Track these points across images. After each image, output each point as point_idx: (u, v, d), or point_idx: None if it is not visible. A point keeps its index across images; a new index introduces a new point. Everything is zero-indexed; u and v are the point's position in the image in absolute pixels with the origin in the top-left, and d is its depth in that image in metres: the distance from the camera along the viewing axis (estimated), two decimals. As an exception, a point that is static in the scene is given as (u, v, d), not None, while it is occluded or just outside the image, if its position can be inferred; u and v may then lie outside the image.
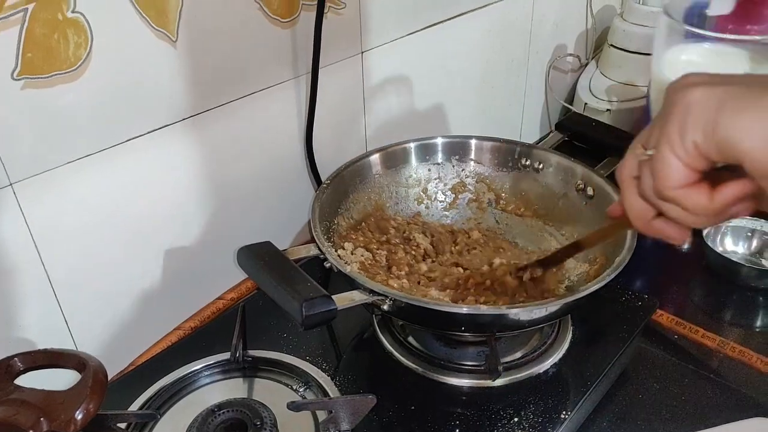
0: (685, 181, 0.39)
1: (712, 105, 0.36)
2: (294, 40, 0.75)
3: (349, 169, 0.77)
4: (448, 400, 0.66)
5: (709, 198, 0.39)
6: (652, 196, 0.42)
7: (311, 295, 0.54)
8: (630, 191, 0.44)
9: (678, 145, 0.38)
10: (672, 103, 0.39)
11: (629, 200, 0.44)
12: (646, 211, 0.44)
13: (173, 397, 0.64)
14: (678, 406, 0.69)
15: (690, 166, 0.38)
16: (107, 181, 0.64)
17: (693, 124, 0.37)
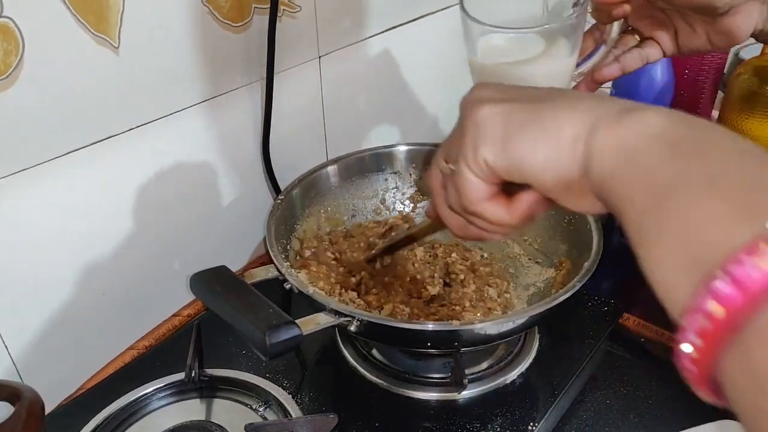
0: (483, 195, 0.40)
1: (498, 124, 0.38)
2: (247, 44, 0.73)
3: (303, 182, 0.75)
4: (413, 415, 0.64)
5: (507, 211, 0.41)
6: (458, 208, 0.43)
7: (274, 322, 0.51)
8: (440, 201, 0.45)
9: (473, 162, 0.39)
10: (465, 118, 0.40)
11: (441, 209, 0.46)
12: (458, 219, 0.45)
13: (123, 423, 0.61)
14: (647, 409, 0.68)
15: (486, 181, 0.39)
16: (47, 197, 0.61)
17: (482, 142, 0.38)
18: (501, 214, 0.41)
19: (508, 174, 0.38)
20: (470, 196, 0.40)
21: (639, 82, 0.95)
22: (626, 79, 0.96)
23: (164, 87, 0.66)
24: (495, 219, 0.41)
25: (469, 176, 0.39)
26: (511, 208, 0.41)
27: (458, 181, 0.40)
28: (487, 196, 0.40)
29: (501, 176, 0.39)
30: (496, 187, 0.40)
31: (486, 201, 0.41)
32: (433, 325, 0.57)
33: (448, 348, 0.60)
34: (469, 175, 0.39)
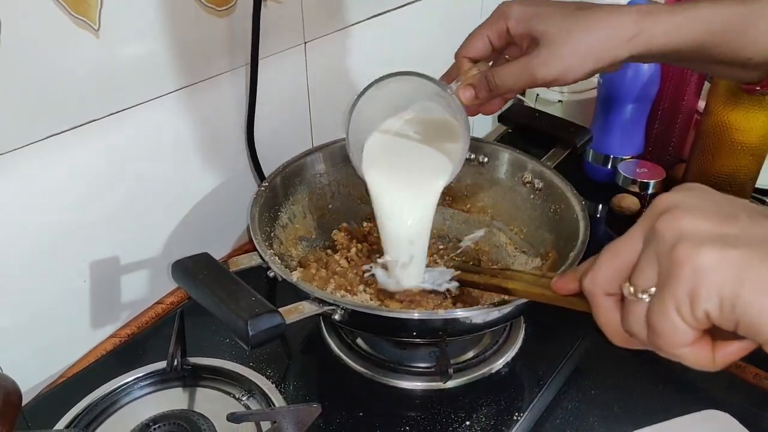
0: (688, 342, 0.35)
1: (728, 276, 0.32)
2: (231, 29, 0.71)
3: (288, 170, 0.74)
4: (398, 404, 0.64)
5: (712, 358, 0.35)
6: (643, 339, 0.37)
7: (257, 311, 0.50)
8: (606, 309, 0.39)
9: (686, 310, 0.34)
10: (676, 258, 0.34)
11: (606, 320, 0.40)
12: (623, 333, 0.39)
13: (104, 412, 0.60)
14: (631, 401, 0.68)
15: (696, 329, 0.34)
16: (27, 181, 0.59)
17: (706, 294, 0.33)
18: (705, 360, 0.35)
19: (733, 329, 0.33)
20: (672, 341, 0.35)
21: (625, 73, 0.95)
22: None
23: (146, 71, 0.65)
24: (694, 363, 0.36)
25: (677, 322, 0.34)
26: (718, 354, 0.35)
27: (659, 323, 0.35)
28: (691, 342, 0.35)
29: (723, 327, 0.33)
30: (702, 333, 0.35)
31: (687, 347, 0.35)
32: (418, 314, 0.56)
33: (433, 337, 0.59)
34: (678, 321, 0.34)
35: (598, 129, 1.00)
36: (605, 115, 1.00)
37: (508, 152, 0.78)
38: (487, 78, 0.57)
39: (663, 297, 0.34)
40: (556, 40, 0.53)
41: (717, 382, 0.71)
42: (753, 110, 0.87)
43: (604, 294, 0.39)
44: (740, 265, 0.32)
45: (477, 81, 0.58)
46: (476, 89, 0.58)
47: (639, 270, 0.36)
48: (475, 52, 0.60)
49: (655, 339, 0.35)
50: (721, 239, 0.33)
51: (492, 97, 0.59)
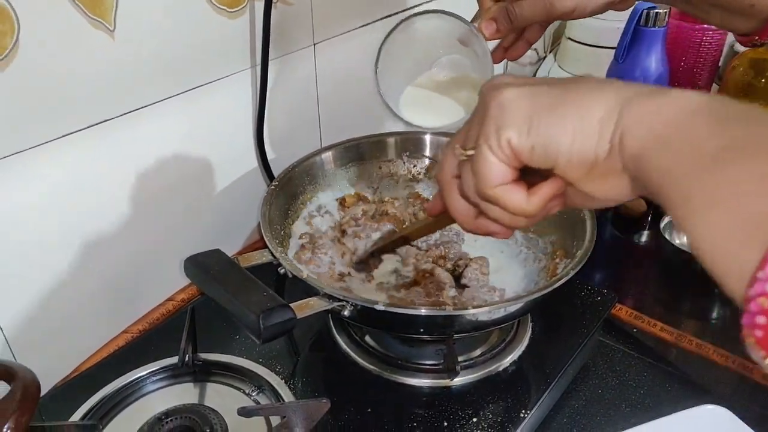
0: (503, 178, 0.39)
1: (523, 106, 0.37)
2: (242, 31, 0.73)
3: (297, 169, 0.75)
4: (405, 401, 0.64)
5: (526, 199, 0.40)
6: (473, 196, 0.41)
7: (268, 305, 0.50)
8: (452, 192, 0.44)
9: (495, 144, 0.38)
10: (487, 103, 0.39)
11: (452, 200, 0.44)
12: (469, 210, 0.44)
13: (117, 405, 0.61)
14: (637, 399, 0.69)
15: (507, 164, 0.39)
16: (42, 179, 0.60)
17: (507, 123, 0.38)
18: (520, 200, 0.40)
19: (532, 156, 0.37)
20: (490, 178, 0.39)
21: (633, 73, 0.95)
22: (620, 70, 0.96)
23: (159, 72, 0.66)
24: (513, 205, 0.40)
25: (490, 158, 0.39)
26: (531, 196, 0.40)
27: (478, 164, 0.39)
28: (507, 179, 0.39)
29: (524, 159, 0.38)
30: (516, 172, 0.39)
31: (505, 185, 0.39)
32: (425, 310, 0.57)
33: (441, 334, 0.60)
34: (491, 157, 0.39)
35: (606, 130, 1.01)
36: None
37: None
38: (507, 10, 0.59)
39: (479, 141, 0.39)
40: None
41: (722, 381, 0.72)
42: (761, 111, 0.88)
43: (451, 177, 0.43)
44: (533, 95, 0.38)
45: (498, 14, 0.60)
46: (498, 22, 0.60)
47: (468, 131, 0.41)
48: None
49: (478, 185, 0.40)
50: (521, 83, 0.39)
51: (513, 29, 0.61)
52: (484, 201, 0.41)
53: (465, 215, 0.44)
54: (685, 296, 0.86)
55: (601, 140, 0.35)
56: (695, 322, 0.81)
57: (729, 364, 0.71)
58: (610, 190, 0.37)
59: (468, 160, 0.41)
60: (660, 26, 0.91)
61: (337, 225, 0.77)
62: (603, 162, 0.35)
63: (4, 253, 0.60)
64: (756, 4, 0.57)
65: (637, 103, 0.34)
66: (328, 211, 0.77)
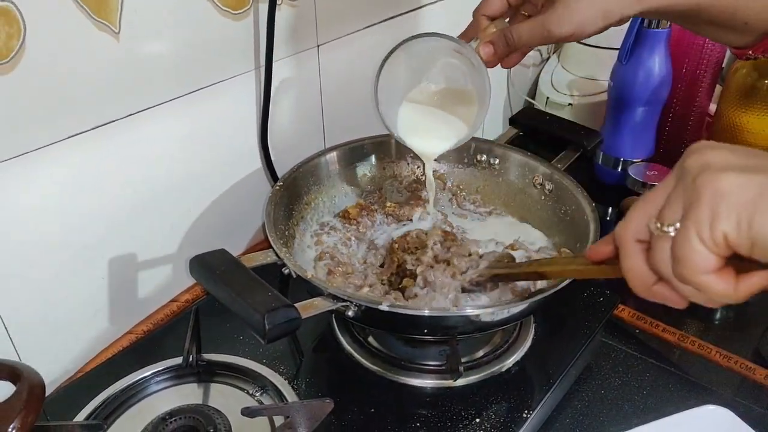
0: (710, 269, 0.36)
1: (748, 197, 0.34)
2: (246, 32, 0.73)
3: (302, 169, 0.75)
4: (408, 402, 0.64)
5: (734, 287, 0.37)
6: (667, 274, 0.38)
7: (273, 305, 0.50)
8: (635, 257, 0.41)
9: (707, 233, 0.35)
10: (699, 185, 0.36)
11: (632, 264, 0.41)
12: (650, 277, 0.41)
13: (122, 405, 0.61)
14: (640, 400, 0.69)
15: (717, 254, 0.36)
16: (46, 181, 0.61)
17: (726, 214, 0.34)
18: (726, 288, 0.37)
19: (752, 251, 0.34)
20: (695, 267, 0.36)
21: (637, 75, 0.95)
22: (624, 71, 0.96)
23: (164, 73, 0.67)
24: (716, 293, 0.37)
25: (698, 247, 0.35)
26: (740, 285, 0.37)
27: (682, 250, 0.36)
28: (713, 269, 0.36)
29: (741, 252, 0.35)
30: (723, 261, 0.36)
31: (711, 274, 0.36)
32: (429, 311, 0.57)
33: (444, 335, 0.60)
34: (699, 246, 0.35)
35: (609, 132, 1.01)
36: (616, 117, 1.00)
37: (519, 154, 0.79)
38: (505, 35, 0.60)
39: (686, 224, 0.36)
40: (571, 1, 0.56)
41: (725, 383, 0.72)
42: (765, 112, 0.88)
43: (634, 240, 0.40)
44: (759, 188, 0.34)
45: (496, 38, 0.61)
46: (495, 46, 0.61)
47: (667, 205, 0.38)
48: (493, 10, 0.62)
49: (679, 269, 0.37)
50: (743, 167, 0.35)
51: (510, 52, 0.62)
52: (680, 282, 0.38)
53: (643, 282, 0.41)
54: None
55: None
56: (698, 323, 0.81)
57: (731, 365, 0.71)
58: None
59: (665, 236, 0.38)
60: (663, 28, 0.91)
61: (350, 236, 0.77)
62: None
63: (9, 254, 0.60)
64: (749, 21, 0.57)
65: None
66: (333, 227, 0.77)
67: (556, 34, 0.57)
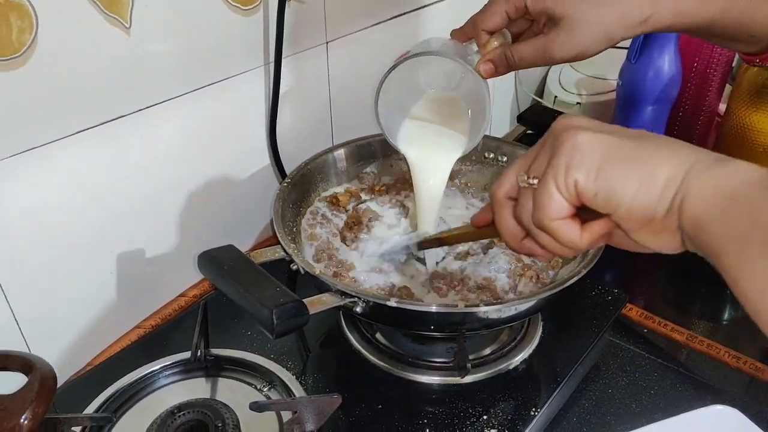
0: (562, 213, 0.41)
1: (596, 151, 0.39)
2: (256, 28, 0.73)
3: (310, 166, 0.75)
4: (416, 398, 0.64)
5: (579, 234, 0.42)
6: (527, 221, 0.44)
7: (281, 300, 0.51)
8: (505, 211, 0.46)
9: (562, 181, 0.40)
10: (560, 140, 0.41)
11: (503, 219, 0.47)
12: (518, 231, 0.46)
13: (131, 398, 0.61)
14: (647, 399, 0.69)
15: (568, 201, 0.41)
16: (56, 175, 0.61)
17: (577, 164, 0.39)
18: (573, 234, 0.42)
19: (594, 200, 0.39)
20: (549, 211, 0.41)
21: (646, 74, 0.95)
22: (633, 70, 0.96)
23: (173, 69, 0.67)
24: (566, 238, 0.42)
25: (554, 192, 0.41)
26: (584, 232, 0.42)
27: (540, 196, 0.41)
28: (564, 215, 0.41)
29: (585, 201, 0.40)
30: (573, 209, 0.41)
31: (561, 220, 0.42)
32: (436, 307, 0.57)
33: (452, 331, 0.60)
34: (554, 192, 0.41)
35: (618, 131, 1.01)
36: (625, 117, 1.00)
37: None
38: (506, 56, 0.60)
39: (546, 173, 0.41)
40: (573, 23, 0.56)
41: (734, 383, 0.72)
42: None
43: (506, 197, 0.46)
44: (607, 145, 0.39)
45: (497, 58, 0.61)
46: (496, 65, 0.61)
47: (534, 161, 0.43)
48: (493, 26, 0.61)
49: (537, 215, 0.42)
50: (597, 129, 0.41)
51: (510, 71, 0.62)
52: (537, 228, 0.43)
53: (513, 235, 0.47)
54: (696, 297, 0.86)
55: (662, 200, 0.37)
56: (705, 323, 0.81)
57: (740, 366, 0.71)
58: (660, 243, 0.40)
59: (529, 188, 0.43)
60: (673, 26, 0.90)
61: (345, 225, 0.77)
62: (660, 219, 0.38)
63: (20, 248, 0.61)
64: (755, 34, 0.58)
65: (702, 171, 0.36)
66: (324, 216, 0.76)
67: (558, 59, 0.58)
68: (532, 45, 0.59)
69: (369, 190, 0.80)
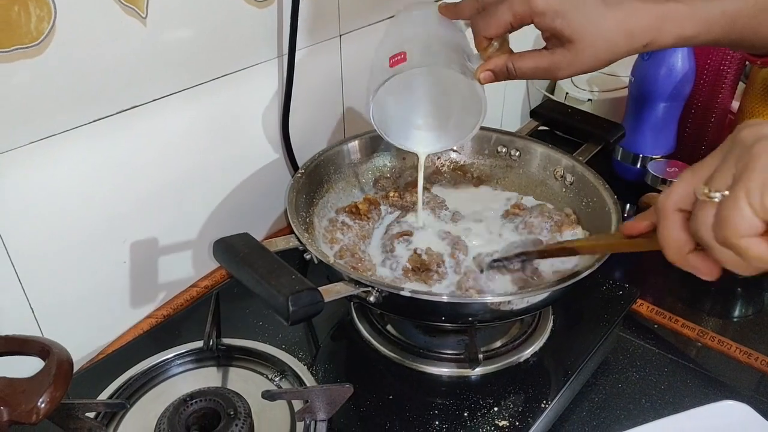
0: (754, 232, 0.38)
1: None
2: (270, 20, 0.73)
3: (323, 157, 0.75)
4: (427, 390, 0.64)
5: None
6: (707, 237, 0.40)
7: (297, 288, 0.51)
8: (674, 224, 0.43)
9: (756, 198, 0.37)
10: (753, 153, 0.38)
11: (670, 232, 0.43)
12: (686, 245, 0.43)
13: (144, 386, 0.62)
14: (657, 394, 0.69)
15: (761, 219, 0.37)
16: (72, 164, 0.61)
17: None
18: (765, 252, 0.38)
19: None
20: (739, 229, 0.38)
21: (658, 71, 0.95)
22: (646, 67, 0.96)
23: (188, 59, 0.67)
24: (756, 256, 0.39)
25: (746, 210, 0.37)
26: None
27: (729, 213, 0.38)
28: (755, 233, 0.38)
29: None
30: (766, 227, 0.38)
31: (753, 238, 0.38)
32: (448, 297, 0.57)
33: (464, 322, 0.60)
34: (746, 209, 0.37)
35: (629, 128, 1.00)
36: (636, 113, 1.00)
37: (541, 146, 0.79)
38: (507, 67, 0.61)
39: (737, 187, 0.38)
40: (581, 46, 0.56)
41: (744, 379, 0.71)
42: (788, 110, 0.87)
43: (675, 209, 0.42)
44: None
45: (498, 68, 0.61)
46: (496, 74, 0.62)
47: (717, 172, 0.40)
48: (494, 34, 0.61)
49: (722, 231, 0.38)
50: None
51: (510, 80, 0.62)
52: (721, 245, 0.40)
53: (679, 248, 0.43)
54: (707, 294, 0.86)
55: None
56: (716, 320, 0.81)
57: (751, 362, 0.71)
58: None
59: (710, 202, 0.40)
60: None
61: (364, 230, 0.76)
62: None
63: (35, 236, 0.61)
64: (756, 45, 0.60)
65: None
66: (345, 223, 0.75)
67: (561, 77, 0.60)
68: (535, 61, 0.59)
69: (384, 198, 0.79)
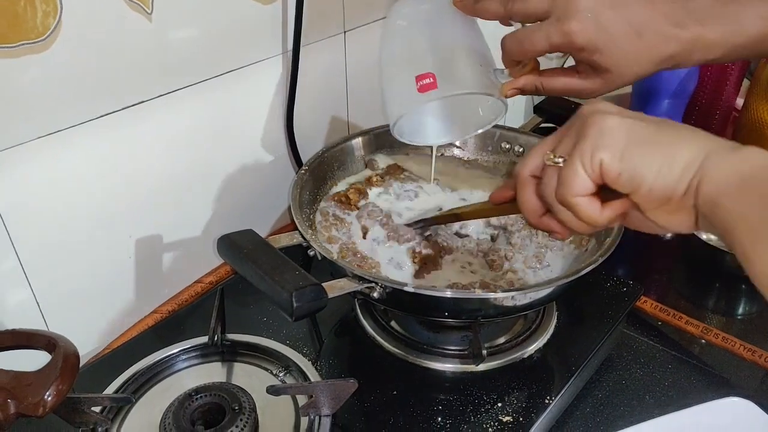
0: (585, 190, 0.44)
1: (621, 134, 0.42)
2: (275, 16, 0.73)
3: (327, 154, 0.75)
4: (430, 385, 0.65)
5: (599, 212, 0.45)
6: (551, 198, 0.46)
7: (301, 284, 0.51)
8: (528, 188, 0.49)
9: (588, 160, 0.43)
10: (588, 123, 0.44)
11: (526, 196, 0.50)
12: (539, 207, 0.49)
13: (150, 381, 0.62)
14: (661, 391, 0.69)
15: (592, 179, 0.44)
16: (78, 159, 0.62)
17: (604, 145, 0.42)
18: (594, 211, 0.45)
19: (617, 179, 0.42)
20: (574, 188, 0.44)
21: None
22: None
23: (193, 55, 0.67)
24: (587, 214, 0.45)
25: (580, 171, 0.43)
26: (604, 210, 0.45)
27: (566, 173, 0.44)
28: (587, 192, 0.44)
29: (608, 180, 0.43)
30: (596, 188, 0.44)
31: (584, 197, 0.44)
32: (451, 293, 0.58)
33: (468, 318, 0.61)
34: (580, 170, 0.43)
35: (633, 124, 1.00)
36: (640, 110, 0.97)
37: (544, 142, 0.79)
38: (536, 86, 0.62)
39: (573, 152, 0.44)
40: (614, 75, 0.57)
41: (749, 376, 0.71)
42: (792, 107, 0.87)
43: (530, 175, 0.49)
44: (632, 129, 0.42)
45: (528, 86, 0.62)
46: (524, 92, 0.62)
47: (561, 142, 0.46)
48: (527, 60, 0.60)
49: (560, 190, 0.45)
50: (622, 114, 0.44)
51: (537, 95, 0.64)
52: (559, 204, 0.46)
53: (534, 211, 0.50)
54: (711, 291, 0.86)
55: (681, 181, 0.40)
56: (720, 317, 0.81)
57: (755, 358, 0.71)
58: (674, 222, 0.43)
59: (555, 167, 0.46)
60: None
61: None
62: (677, 199, 0.41)
63: (41, 231, 0.61)
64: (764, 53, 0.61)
65: (720, 156, 0.40)
66: (336, 216, 0.74)
67: (587, 98, 0.59)
68: (566, 83, 0.60)
69: (367, 182, 0.79)
